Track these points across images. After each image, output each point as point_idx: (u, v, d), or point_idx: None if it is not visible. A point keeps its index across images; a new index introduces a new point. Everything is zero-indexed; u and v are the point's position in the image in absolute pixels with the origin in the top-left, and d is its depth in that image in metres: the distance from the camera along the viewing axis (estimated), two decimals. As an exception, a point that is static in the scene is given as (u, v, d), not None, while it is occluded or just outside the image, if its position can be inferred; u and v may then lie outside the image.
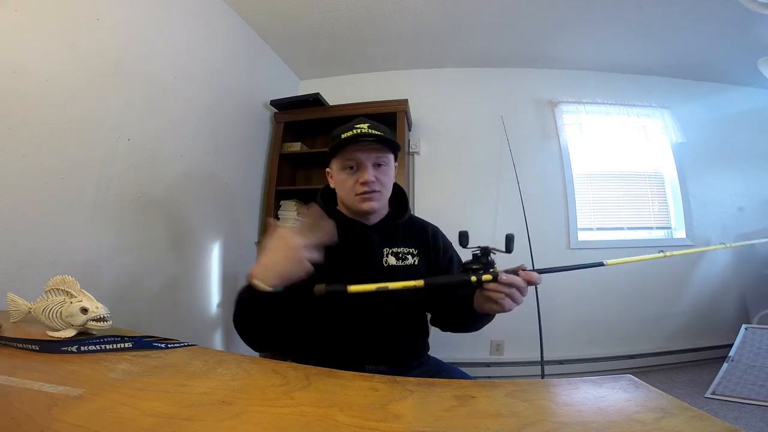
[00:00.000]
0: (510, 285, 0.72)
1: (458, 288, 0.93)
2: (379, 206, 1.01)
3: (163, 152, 1.77)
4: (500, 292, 0.72)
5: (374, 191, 0.97)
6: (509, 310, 0.76)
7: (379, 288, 0.66)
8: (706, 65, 2.85)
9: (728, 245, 1.02)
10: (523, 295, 0.74)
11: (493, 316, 0.88)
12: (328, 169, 1.09)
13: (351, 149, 0.97)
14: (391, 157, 1.04)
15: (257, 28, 2.53)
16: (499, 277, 0.70)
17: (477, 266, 0.73)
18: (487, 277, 0.70)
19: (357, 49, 2.79)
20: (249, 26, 2.48)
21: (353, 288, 0.65)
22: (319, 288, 0.67)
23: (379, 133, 0.97)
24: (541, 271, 0.74)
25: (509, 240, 0.78)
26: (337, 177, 1.03)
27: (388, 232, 1.05)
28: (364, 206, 0.98)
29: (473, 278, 0.70)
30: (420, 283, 0.68)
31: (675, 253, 0.75)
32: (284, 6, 2.31)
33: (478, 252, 0.74)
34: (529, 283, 0.73)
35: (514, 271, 0.73)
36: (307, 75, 3.17)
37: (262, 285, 0.72)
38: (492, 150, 2.87)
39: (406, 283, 0.68)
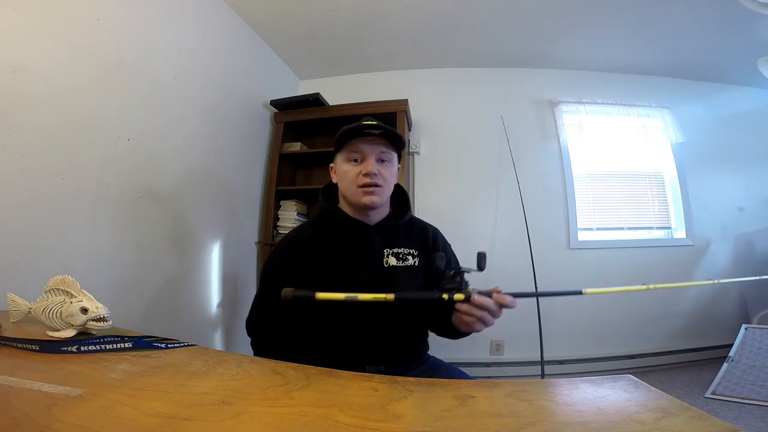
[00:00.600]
0: (481, 307, 0.72)
1: (430, 305, 0.94)
2: (380, 201, 1.01)
3: (163, 152, 1.77)
4: (472, 315, 0.73)
5: (376, 185, 0.97)
6: (479, 332, 0.79)
7: (348, 298, 0.64)
8: (706, 65, 2.85)
9: (715, 281, 1.01)
10: (495, 317, 0.74)
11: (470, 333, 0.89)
12: (331, 164, 1.10)
13: (356, 141, 0.99)
14: (395, 156, 1.06)
15: (257, 28, 2.53)
16: (471, 298, 0.70)
17: (450, 286, 0.73)
18: (459, 296, 0.70)
19: (357, 49, 2.79)
20: (249, 26, 2.48)
21: (321, 295, 0.64)
22: (287, 292, 0.65)
23: (384, 126, 0.99)
24: (516, 295, 0.73)
25: (481, 258, 0.77)
26: (340, 169, 1.03)
27: (389, 232, 1.05)
28: (365, 200, 0.98)
29: (445, 296, 0.70)
30: (390, 297, 0.66)
31: (658, 286, 0.75)
32: (284, 6, 2.30)
33: (452, 272, 0.75)
34: (502, 305, 0.72)
35: (488, 293, 0.72)
36: (307, 75, 3.17)
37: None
38: (492, 150, 2.87)
39: (377, 295, 0.66)
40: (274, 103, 2.70)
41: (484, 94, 3.01)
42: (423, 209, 2.77)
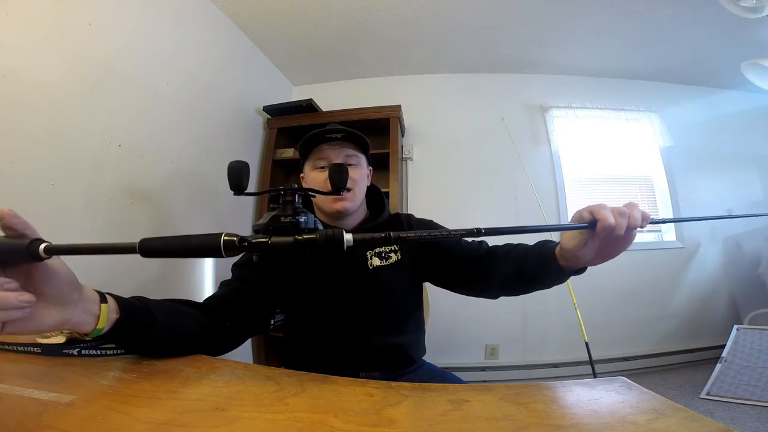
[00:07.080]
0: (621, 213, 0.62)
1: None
2: (353, 206, 1.00)
3: (156, 158, 1.76)
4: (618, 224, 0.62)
5: (346, 189, 0.95)
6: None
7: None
8: (693, 69, 2.90)
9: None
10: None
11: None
12: (302, 175, 1.09)
13: (322, 148, 0.99)
14: (363, 158, 1.05)
15: (250, 35, 2.53)
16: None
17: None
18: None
19: (350, 55, 2.80)
20: (242, 32, 2.48)
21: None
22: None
23: (346, 128, 0.98)
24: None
25: None
26: (309, 177, 1.02)
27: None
28: (337, 206, 0.97)
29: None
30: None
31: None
32: (277, 12, 2.31)
33: None
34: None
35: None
36: (300, 81, 3.18)
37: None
38: (485, 155, 2.89)
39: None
40: (267, 109, 2.70)
41: (476, 100, 3.03)
42: (416, 214, 2.77)
